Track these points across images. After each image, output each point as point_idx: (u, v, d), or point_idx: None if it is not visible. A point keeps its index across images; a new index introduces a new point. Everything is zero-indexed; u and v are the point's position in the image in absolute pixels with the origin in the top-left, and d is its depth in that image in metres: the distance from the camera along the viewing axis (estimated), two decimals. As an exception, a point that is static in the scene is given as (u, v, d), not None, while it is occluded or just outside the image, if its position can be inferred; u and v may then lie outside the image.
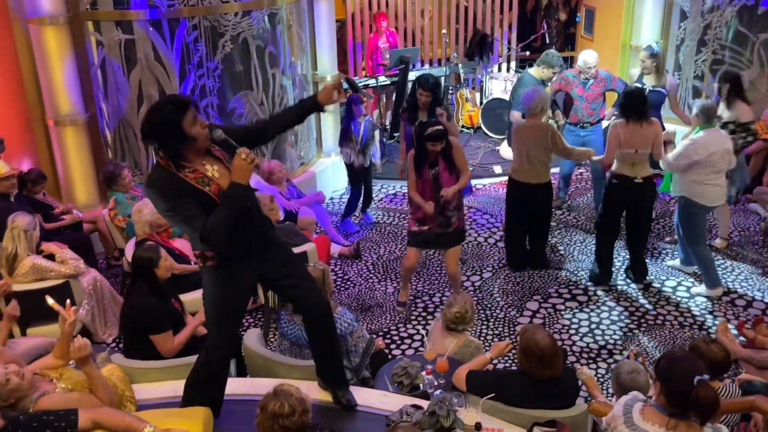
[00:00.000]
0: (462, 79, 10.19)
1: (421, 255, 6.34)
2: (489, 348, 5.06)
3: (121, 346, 5.30)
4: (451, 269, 5.83)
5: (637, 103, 5.74)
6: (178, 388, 3.78)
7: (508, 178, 6.45)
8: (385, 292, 6.35)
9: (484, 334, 5.70)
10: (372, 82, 9.24)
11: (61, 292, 5.09)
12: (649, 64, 7.19)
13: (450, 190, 5.35)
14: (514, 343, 4.04)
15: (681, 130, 6.58)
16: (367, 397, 3.92)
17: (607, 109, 7.62)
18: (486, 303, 6.11)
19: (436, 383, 4.05)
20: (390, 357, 5.05)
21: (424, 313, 6.01)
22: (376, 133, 7.99)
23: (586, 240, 7.07)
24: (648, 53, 7.26)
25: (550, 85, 7.35)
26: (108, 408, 3.34)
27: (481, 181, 8.60)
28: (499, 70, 11.26)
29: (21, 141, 6.83)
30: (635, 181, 5.80)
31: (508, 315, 5.96)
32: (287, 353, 4.41)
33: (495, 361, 4.16)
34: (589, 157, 6.48)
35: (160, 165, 3.27)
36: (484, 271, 6.63)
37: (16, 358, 3.82)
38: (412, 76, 9.72)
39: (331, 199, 8.27)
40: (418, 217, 5.57)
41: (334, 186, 8.42)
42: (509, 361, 5.26)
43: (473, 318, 4.50)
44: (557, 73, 7.36)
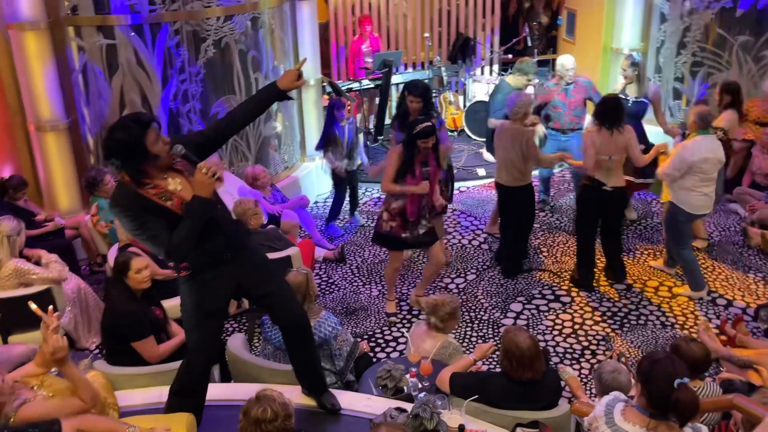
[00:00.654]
0: (445, 82, 10.22)
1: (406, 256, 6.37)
2: (471, 350, 5.09)
3: (104, 352, 5.27)
4: (440, 260, 5.87)
5: (611, 110, 5.77)
6: (162, 394, 3.78)
7: (495, 181, 6.50)
8: (369, 296, 6.36)
9: (468, 336, 5.72)
10: (355, 85, 9.26)
11: (43, 298, 5.05)
12: (630, 73, 7.28)
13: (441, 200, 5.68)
14: (498, 345, 4.07)
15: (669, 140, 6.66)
16: (352, 401, 3.93)
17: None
18: (470, 305, 6.13)
19: (420, 386, 4.07)
20: (374, 360, 5.05)
21: (409, 316, 6.02)
22: (360, 136, 8.00)
23: (569, 241, 7.11)
24: (629, 62, 7.34)
25: (535, 99, 7.35)
26: (90, 415, 3.31)
27: (464, 183, 8.63)
28: (482, 73, 11.31)
29: (1, 147, 6.78)
30: (604, 188, 5.84)
31: (492, 316, 5.99)
32: (271, 358, 4.41)
33: (479, 362, 4.19)
34: (561, 160, 6.56)
35: (122, 183, 3.27)
36: (468, 273, 6.65)
37: (-4, 365, 3.79)
38: (396, 80, 9.78)
39: (315, 202, 8.27)
40: (397, 210, 5.52)
41: (319, 190, 8.42)
42: (493, 362, 5.28)
43: (451, 316, 4.53)
44: (531, 80, 7.41)
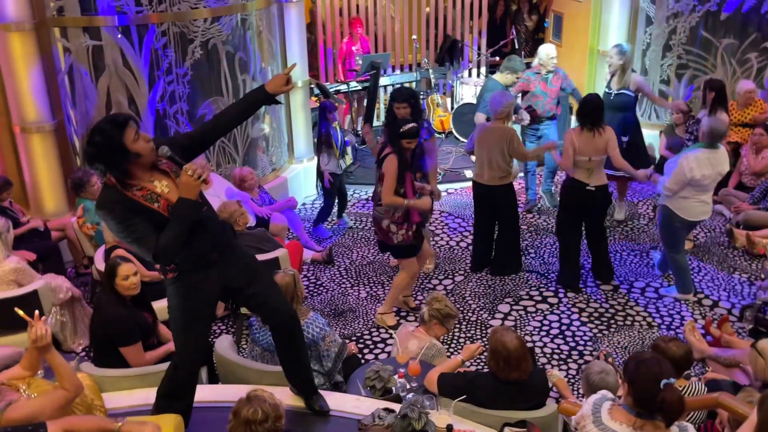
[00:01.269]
0: (433, 84, 10.26)
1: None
2: (459, 351, 5.11)
3: (90, 354, 5.24)
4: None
5: (591, 111, 5.81)
6: (149, 396, 3.76)
7: (472, 180, 6.52)
8: (357, 297, 6.36)
9: (456, 337, 5.74)
10: (343, 87, 9.26)
11: (30, 300, 5.01)
12: (616, 61, 7.15)
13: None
14: (485, 346, 4.08)
15: (653, 134, 6.70)
16: (340, 402, 3.93)
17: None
18: (458, 306, 6.14)
19: (409, 386, 4.08)
20: (363, 361, 5.06)
21: (397, 317, 6.02)
22: (349, 138, 8.01)
23: (556, 243, 7.12)
24: (617, 50, 7.23)
25: (512, 89, 7.43)
26: (78, 415, 3.30)
27: (452, 185, 8.66)
28: (470, 75, 11.36)
29: (-14, 148, 6.74)
30: (587, 188, 5.87)
31: (480, 318, 6.00)
32: (259, 360, 4.40)
33: (468, 363, 4.21)
34: (547, 150, 6.58)
35: (108, 186, 3.26)
36: (456, 274, 6.67)
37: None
38: (384, 81, 9.80)
39: (303, 204, 8.26)
40: (414, 221, 5.52)
41: (306, 191, 8.41)
42: (481, 363, 5.30)
43: (444, 316, 4.58)
44: (520, 77, 7.46)
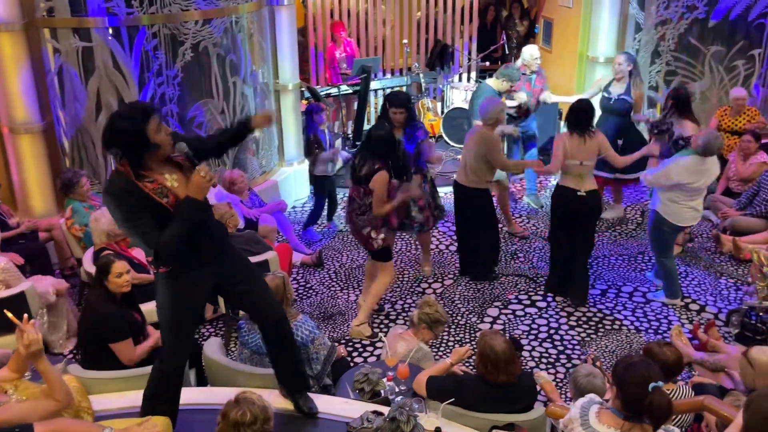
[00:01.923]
0: (423, 88, 10.29)
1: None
2: (448, 354, 5.12)
3: (78, 357, 5.21)
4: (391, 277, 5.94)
5: (581, 115, 5.81)
6: (136, 398, 3.75)
7: (453, 180, 6.54)
8: (347, 300, 6.36)
9: (445, 341, 5.75)
10: (334, 91, 9.27)
11: (18, 302, 4.99)
12: (625, 67, 7.25)
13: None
14: (474, 349, 4.10)
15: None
16: (329, 404, 3.93)
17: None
18: (447, 309, 6.14)
19: (397, 389, 4.08)
20: (351, 364, 5.06)
21: (387, 321, 6.03)
22: (338, 142, 8.01)
23: (545, 247, 7.17)
24: (626, 57, 7.37)
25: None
26: (65, 418, 3.28)
27: (442, 189, 8.63)
28: (460, 79, 11.39)
29: (-26, 149, 6.71)
30: (578, 193, 5.84)
31: (469, 321, 6.02)
32: (248, 362, 4.39)
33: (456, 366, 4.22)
34: (530, 167, 6.69)
35: (119, 172, 3.25)
36: (446, 278, 6.69)
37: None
38: (374, 85, 9.82)
39: (293, 207, 8.26)
40: (381, 221, 5.54)
41: (296, 194, 8.41)
42: (470, 366, 5.30)
43: (434, 321, 4.59)
44: (514, 86, 7.54)
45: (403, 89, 9.91)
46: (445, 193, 8.57)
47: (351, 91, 9.42)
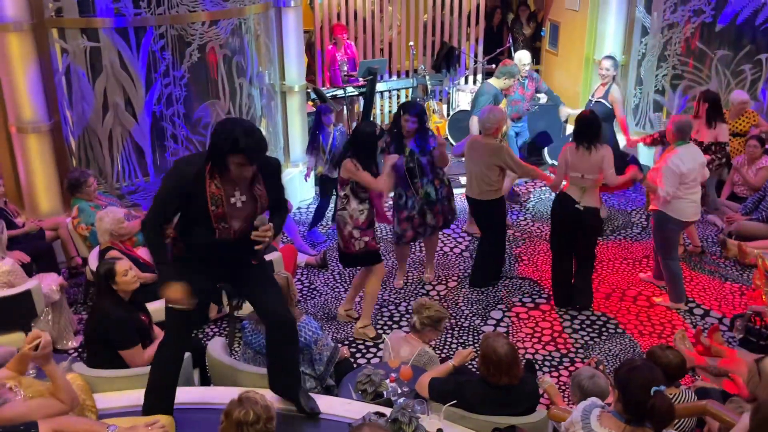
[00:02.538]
0: (429, 91, 10.29)
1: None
2: (451, 356, 5.12)
3: (83, 355, 5.23)
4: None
5: (587, 127, 5.75)
6: (140, 396, 3.77)
7: (465, 194, 6.51)
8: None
9: (449, 343, 5.75)
10: (340, 92, 9.29)
11: (24, 300, 5.02)
12: (612, 72, 7.41)
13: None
14: (477, 352, 4.10)
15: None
16: (331, 405, 3.94)
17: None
18: (451, 312, 6.16)
19: (400, 391, 4.09)
20: (354, 365, 5.06)
21: (390, 322, 6.04)
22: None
23: (549, 250, 7.15)
24: (612, 62, 7.50)
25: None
26: (69, 416, 3.30)
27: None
28: (466, 82, 11.40)
29: (-18, 148, 6.74)
30: (576, 206, 5.78)
31: (472, 324, 6.02)
32: (251, 362, 4.41)
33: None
34: (538, 178, 6.82)
35: (202, 158, 3.38)
36: (450, 280, 6.69)
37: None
38: (380, 87, 9.82)
39: (299, 208, 8.27)
40: (367, 221, 5.56)
41: (302, 195, 8.43)
42: (473, 368, 5.30)
43: (435, 321, 4.60)
44: (516, 81, 7.67)
45: (409, 92, 9.91)
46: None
47: (357, 93, 9.43)
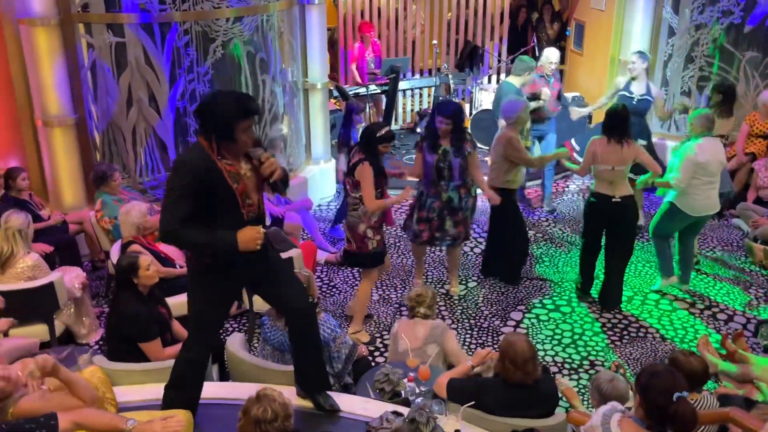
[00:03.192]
0: (452, 89, 10.25)
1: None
2: (469, 356, 5.10)
3: (104, 348, 5.27)
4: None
5: (620, 123, 5.71)
6: (160, 390, 3.78)
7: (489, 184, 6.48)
8: (370, 300, 6.35)
9: (468, 343, 5.73)
10: (362, 90, 9.28)
11: (46, 293, 5.08)
12: (640, 65, 7.25)
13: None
14: (496, 351, 4.07)
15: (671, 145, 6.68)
16: (349, 404, 3.93)
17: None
18: (470, 312, 6.13)
19: (418, 390, 4.08)
20: (372, 364, 5.05)
21: (398, 314, 6.00)
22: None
23: (571, 252, 7.12)
24: (640, 55, 7.37)
25: (523, 90, 7.51)
26: (88, 409, 3.33)
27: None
28: (489, 81, 11.34)
29: (8, 141, 6.83)
30: (613, 200, 5.76)
31: (492, 324, 5.98)
32: (270, 359, 4.42)
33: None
34: (556, 158, 6.66)
35: (201, 147, 3.34)
36: (469, 280, 6.66)
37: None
38: (403, 86, 9.81)
39: (319, 206, 8.28)
40: (379, 222, 5.54)
41: (323, 193, 8.43)
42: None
43: (433, 302, 4.73)
44: (533, 70, 7.60)
45: (432, 90, 9.88)
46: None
47: (379, 90, 9.42)
